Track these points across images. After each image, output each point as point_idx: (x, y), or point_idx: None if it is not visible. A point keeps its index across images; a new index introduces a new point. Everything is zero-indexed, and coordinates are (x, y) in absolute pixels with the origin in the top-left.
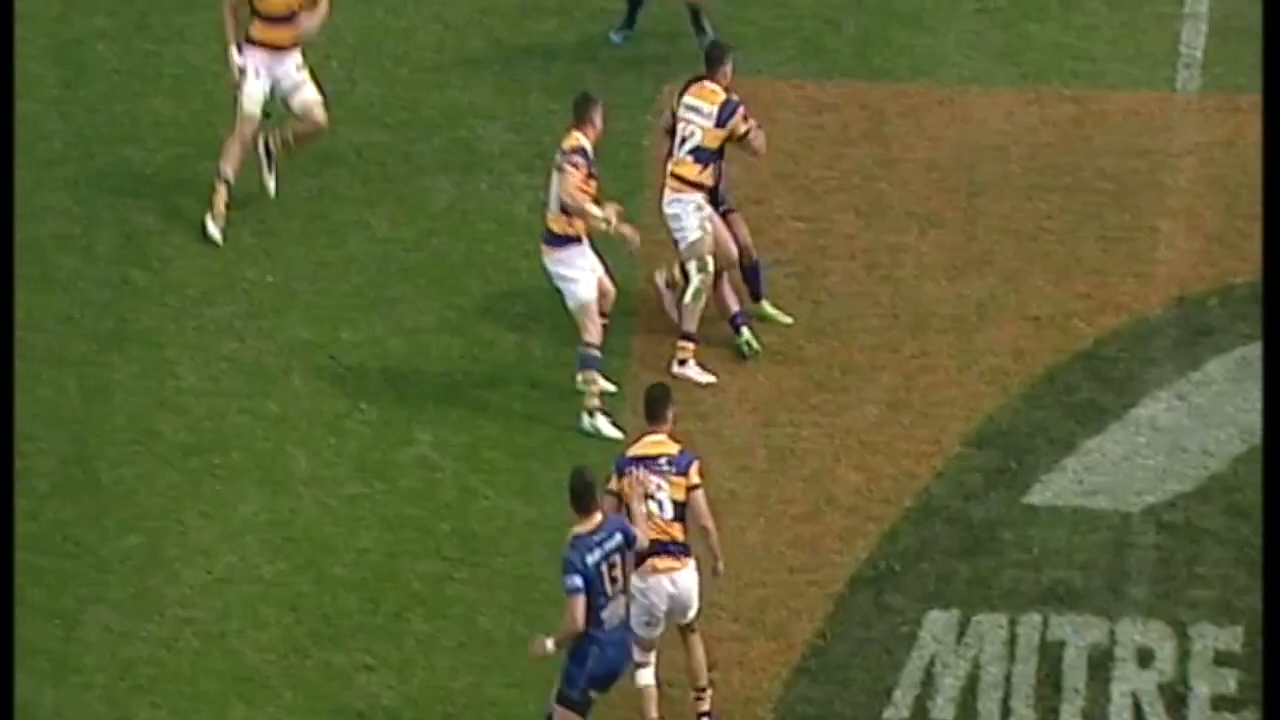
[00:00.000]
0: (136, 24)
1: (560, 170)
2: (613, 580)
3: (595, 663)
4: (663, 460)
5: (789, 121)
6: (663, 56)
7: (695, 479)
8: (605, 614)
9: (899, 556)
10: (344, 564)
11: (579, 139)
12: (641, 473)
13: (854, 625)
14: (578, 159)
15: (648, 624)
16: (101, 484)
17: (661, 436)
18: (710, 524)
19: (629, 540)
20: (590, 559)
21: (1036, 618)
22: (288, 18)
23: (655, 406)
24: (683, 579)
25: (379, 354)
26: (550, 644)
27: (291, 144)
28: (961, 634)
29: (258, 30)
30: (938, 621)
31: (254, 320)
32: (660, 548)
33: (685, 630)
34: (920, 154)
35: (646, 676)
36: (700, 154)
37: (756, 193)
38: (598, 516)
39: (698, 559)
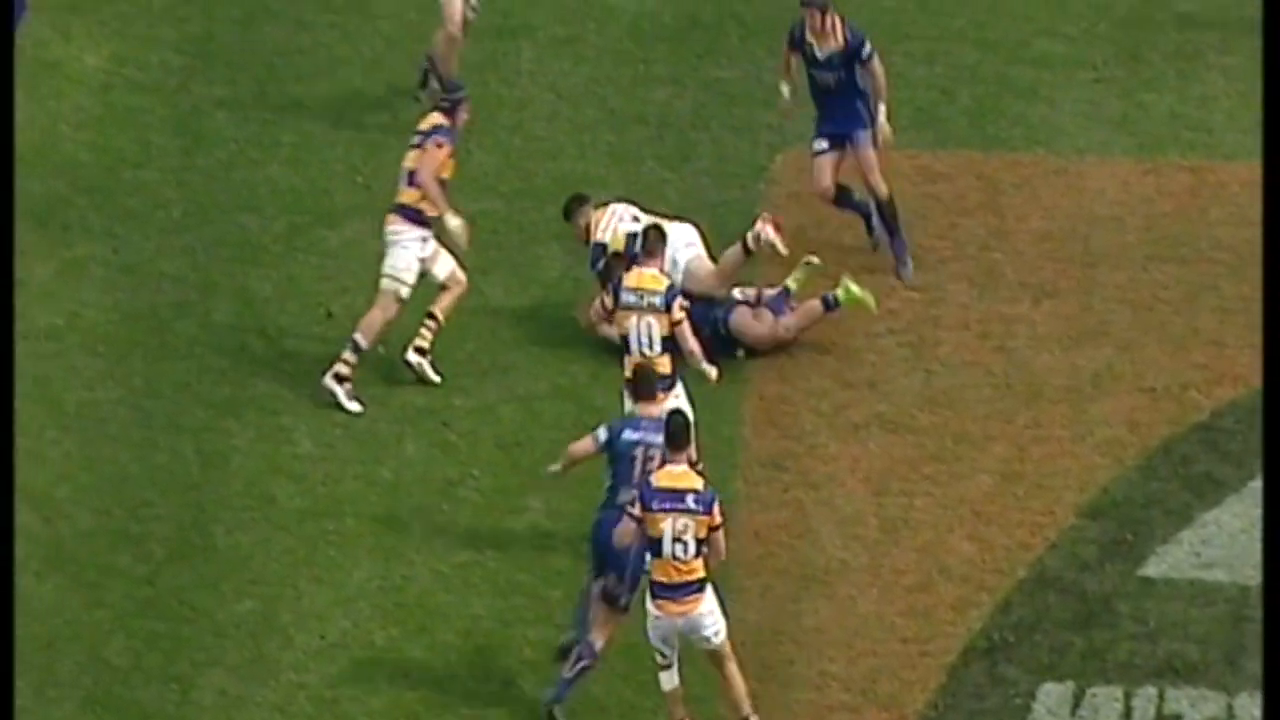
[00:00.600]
0: (255, 94)
1: (668, 313)
2: (644, 471)
3: (595, 538)
4: (690, 498)
5: (904, 191)
6: (775, 126)
7: (718, 519)
8: (622, 495)
9: (1013, 628)
10: (456, 630)
11: (658, 273)
12: (669, 509)
13: (967, 697)
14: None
15: (663, 641)
16: (217, 549)
17: (684, 467)
18: (723, 558)
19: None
20: (628, 435)
21: (1152, 691)
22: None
23: (678, 435)
24: (693, 612)
25: (492, 421)
26: (558, 465)
27: (441, 320)
28: (1076, 707)
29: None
30: (1052, 694)
31: (368, 387)
32: (675, 590)
33: (716, 663)
34: (1035, 224)
35: (670, 679)
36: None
37: (870, 262)
38: (655, 410)
39: (714, 580)
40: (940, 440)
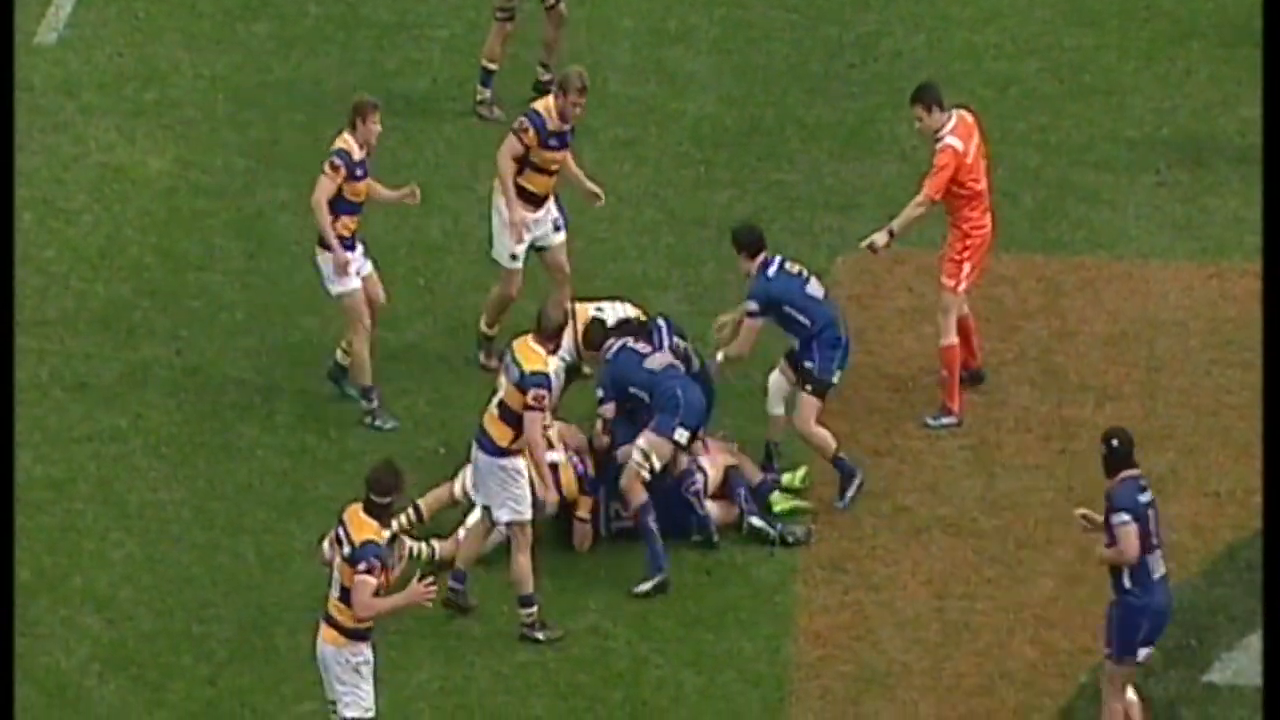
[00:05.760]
0: None
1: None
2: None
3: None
4: (346, 548)
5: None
6: (836, 228)
7: (358, 575)
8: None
9: None
10: None
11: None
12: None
13: None
14: None
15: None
16: (279, 651)
17: (371, 521)
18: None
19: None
20: (1141, 498)
21: None
22: None
23: (374, 482)
24: (320, 644)
25: (552, 523)
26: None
27: None
28: None
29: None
30: None
31: (429, 487)
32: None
33: None
34: (1098, 327)
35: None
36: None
37: (934, 364)
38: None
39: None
40: (1002, 543)
